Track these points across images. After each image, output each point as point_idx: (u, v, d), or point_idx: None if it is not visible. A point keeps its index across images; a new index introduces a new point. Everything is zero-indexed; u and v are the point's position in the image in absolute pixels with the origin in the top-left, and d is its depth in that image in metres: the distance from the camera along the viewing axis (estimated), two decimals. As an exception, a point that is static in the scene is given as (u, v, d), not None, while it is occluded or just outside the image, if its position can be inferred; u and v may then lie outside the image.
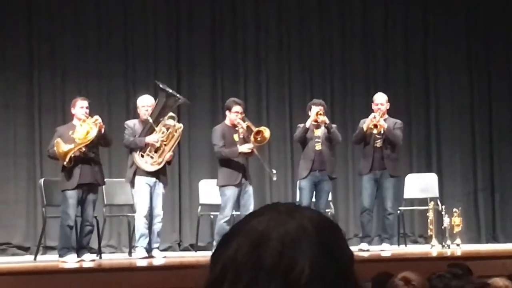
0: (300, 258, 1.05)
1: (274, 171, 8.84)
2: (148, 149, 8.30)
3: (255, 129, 8.50)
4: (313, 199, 8.81)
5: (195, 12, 10.95)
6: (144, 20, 10.76)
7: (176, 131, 8.45)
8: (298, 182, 9.05)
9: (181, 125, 8.59)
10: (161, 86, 8.66)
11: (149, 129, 8.39)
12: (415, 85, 11.37)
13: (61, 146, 7.91)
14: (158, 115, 8.44)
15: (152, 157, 8.31)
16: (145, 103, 8.49)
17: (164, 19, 10.84)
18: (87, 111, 8.14)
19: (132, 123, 8.52)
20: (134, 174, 8.28)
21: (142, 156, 8.30)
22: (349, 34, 11.32)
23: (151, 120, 8.34)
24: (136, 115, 8.80)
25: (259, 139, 8.49)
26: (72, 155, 7.93)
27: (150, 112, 8.41)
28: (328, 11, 11.33)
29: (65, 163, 7.93)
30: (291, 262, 1.05)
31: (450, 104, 11.41)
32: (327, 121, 8.82)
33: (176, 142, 8.55)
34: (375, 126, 8.78)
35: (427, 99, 11.38)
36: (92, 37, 10.56)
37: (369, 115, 8.95)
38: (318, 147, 8.77)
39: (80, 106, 8.15)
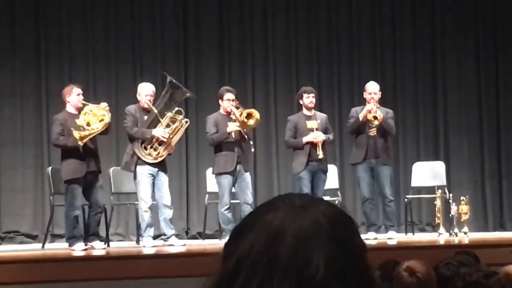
0: (315, 255, 1.05)
1: (251, 142, 8.64)
2: (152, 142, 8.22)
3: (245, 112, 8.32)
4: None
5: (202, 1, 10.93)
6: (151, 7, 10.75)
7: (182, 126, 8.40)
8: (296, 176, 8.74)
9: (187, 120, 8.53)
10: (169, 78, 8.55)
11: (153, 120, 8.28)
12: (422, 73, 11.33)
13: (80, 132, 7.88)
14: (164, 107, 8.35)
15: (155, 149, 8.21)
16: (147, 91, 8.33)
17: (171, 7, 10.82)
18: (82, 98, 8.18)
19: (133, 109, 8.33)
20: (136, 165, 8.20)
21: (146, 148, 8.20)
22: (356, 23, 11.27)
23: (156, 111, 8.26)
24: (136, 101, 8.57)
25: (250, 122, 8.37)
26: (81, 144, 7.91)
27: (155, 103, 8.32)
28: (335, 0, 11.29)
29: (80, 145, 7.86)
30: (306, 259, 1.04)
31: (458, 92, 11.36)
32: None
33: (180, 136, 8.49)
34: (375, 118, 8.72)
35: (435, 87, 11.33)
36: (100, 24, 10.56)
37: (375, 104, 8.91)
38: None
39: (76, 94, 8.17)
